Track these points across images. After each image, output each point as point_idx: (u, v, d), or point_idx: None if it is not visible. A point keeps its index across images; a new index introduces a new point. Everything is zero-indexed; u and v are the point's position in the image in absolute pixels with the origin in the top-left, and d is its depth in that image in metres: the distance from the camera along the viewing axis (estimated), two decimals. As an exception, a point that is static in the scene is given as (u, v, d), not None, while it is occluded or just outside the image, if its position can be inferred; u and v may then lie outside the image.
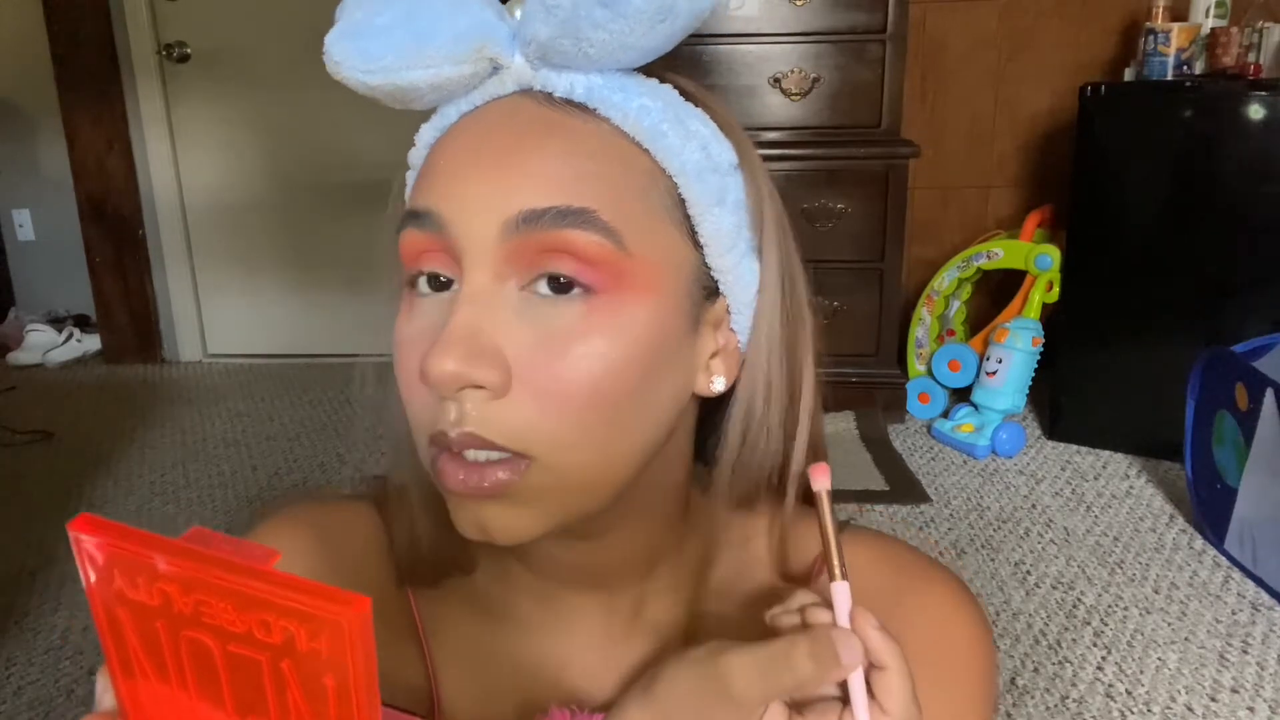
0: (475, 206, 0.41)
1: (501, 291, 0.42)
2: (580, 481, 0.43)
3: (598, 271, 0.41)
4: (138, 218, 3.43)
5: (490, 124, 0.43)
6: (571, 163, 0.41)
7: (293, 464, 2.57)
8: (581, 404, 0.41)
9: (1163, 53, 2.35)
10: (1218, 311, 2.26)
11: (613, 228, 0.41)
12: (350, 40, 0.42)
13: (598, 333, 0.41)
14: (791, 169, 2.53)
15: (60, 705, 1.61)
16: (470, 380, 0.40)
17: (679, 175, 0.44)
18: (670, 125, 0.43)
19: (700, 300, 0.46)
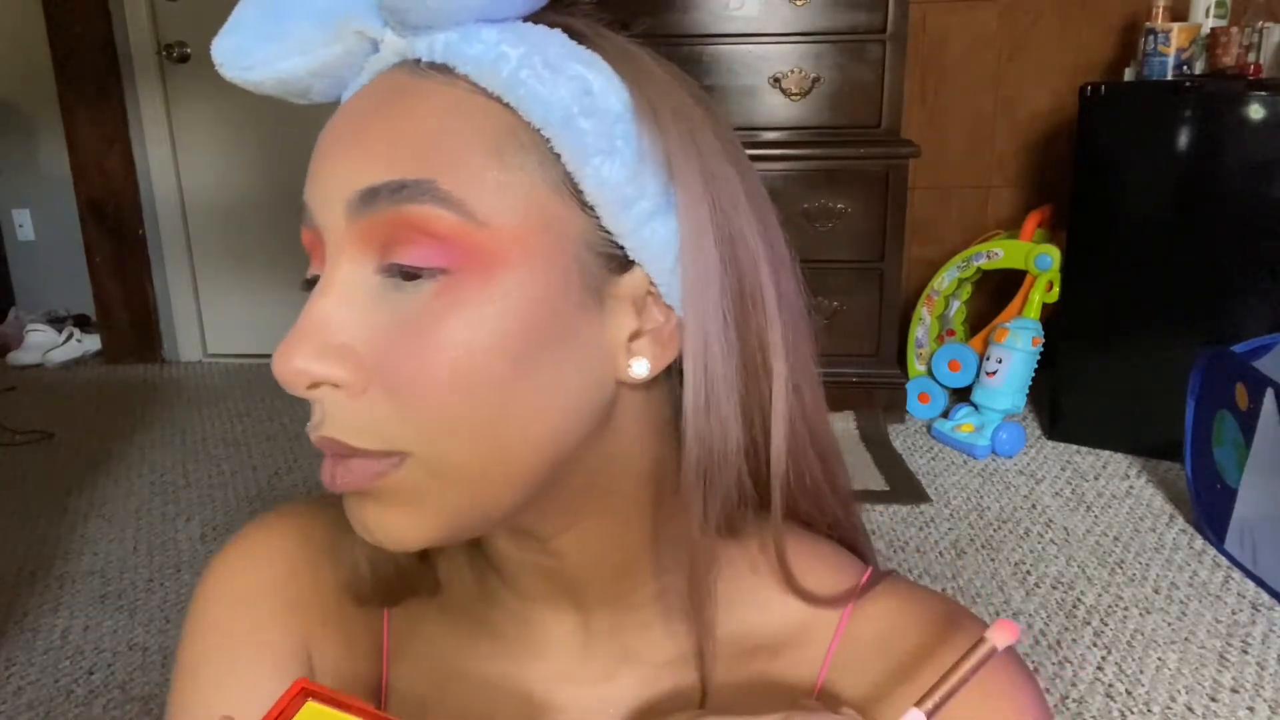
0: (327, 190, 0.39)
1: (357, 278, 0.38)
2: (466, 477, 0.39)
3: (445, 247, 0.37)
4: (138, 218, 3.43)
5: (355, 101, 0.41)
6: (412, 132, 0.38)
7: (293, 464, 2.57)
8: (443, 395, 0.37)
9: (1163, 53, 2.35)
10: (1218, 311, 2.26)
11: (455, 197, 0.37)
12: (225, 38, 0.42)
13: (454, 315, 0.37)
14: (791, 169, 2.53)
15: (60, 705, 1.61)
16: (316, 378, 0.38)
17: (544, 126, 0.38)
18: (533, 71, 0.38)
19: (600, 271, 0.40)
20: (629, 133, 0.39)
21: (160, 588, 1.97)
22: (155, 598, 1.93)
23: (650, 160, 0.40)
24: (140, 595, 1.94)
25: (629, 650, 0.47)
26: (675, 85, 0.42)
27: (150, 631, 1.81)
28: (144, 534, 2.21)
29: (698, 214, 0.40)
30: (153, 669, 1.69)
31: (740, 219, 0.41)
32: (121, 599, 1.93)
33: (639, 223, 0.40)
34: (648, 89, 0.41)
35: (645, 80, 0.41)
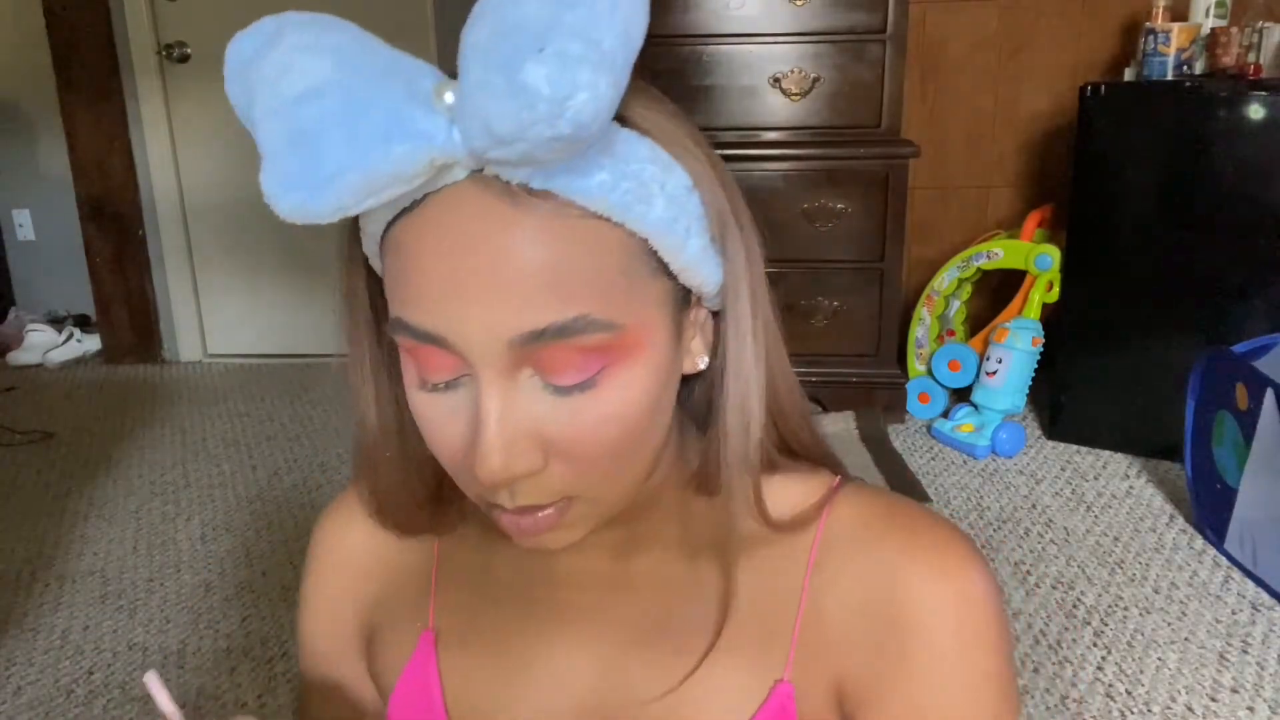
0: (474, 329, 0.43)
1: (518, 380, 0.44)
2: (617, 499, 0.49)
3: (599, 357, 0.44)
4: (138, 218, 3.43)
5: (460, 232, 0.42)
6: (555, 271, 0.42)
7: (293, 464, 2.57)
8: (610, 458, 0.46)
9: (1163, 53, 2.35)
10: (1218, 311, 2.26)
11: (606, 320, 0.43)
12: (297, 193, 0.40)
13: (612, 402, 0.45)
14: (791, 169, 2.53)
15: (60, 705, 1.61)
16: (518, 477, 0.45)
17: (651, 236, 0.45)
18: (629, 188, 0.43)
19: (680, 312, 0.49)
20: (695, 208, 0.47)
21: (160, 588, 1.97)
22: (155, 598, 1.93)
23: (702, 217, 0.47)
24: (140, 595, 1.94)
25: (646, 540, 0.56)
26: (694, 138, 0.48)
27: (150, 631, 1.81)
28: (144, 534, 2.21)
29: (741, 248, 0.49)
30: (153, 669, 1.69)
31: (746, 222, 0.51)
32: (121, 599, 1.93)
33: (705, 271, 0.48)
34: (691, 156, 0.47)
35: (687, 151, 0.47)
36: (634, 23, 0.38)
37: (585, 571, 0.57)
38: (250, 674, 1.66)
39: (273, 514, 2.28)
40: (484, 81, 0.38)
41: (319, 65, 0.41)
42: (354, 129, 0.39)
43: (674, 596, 0.55)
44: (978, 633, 0.50)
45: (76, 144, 3.37)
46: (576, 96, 0.36)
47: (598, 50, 0.37)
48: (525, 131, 0.37)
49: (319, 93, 0.40)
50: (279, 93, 0.41)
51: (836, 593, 0.52)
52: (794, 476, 0.56)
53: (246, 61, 0.43)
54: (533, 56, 0.36)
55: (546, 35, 0.37)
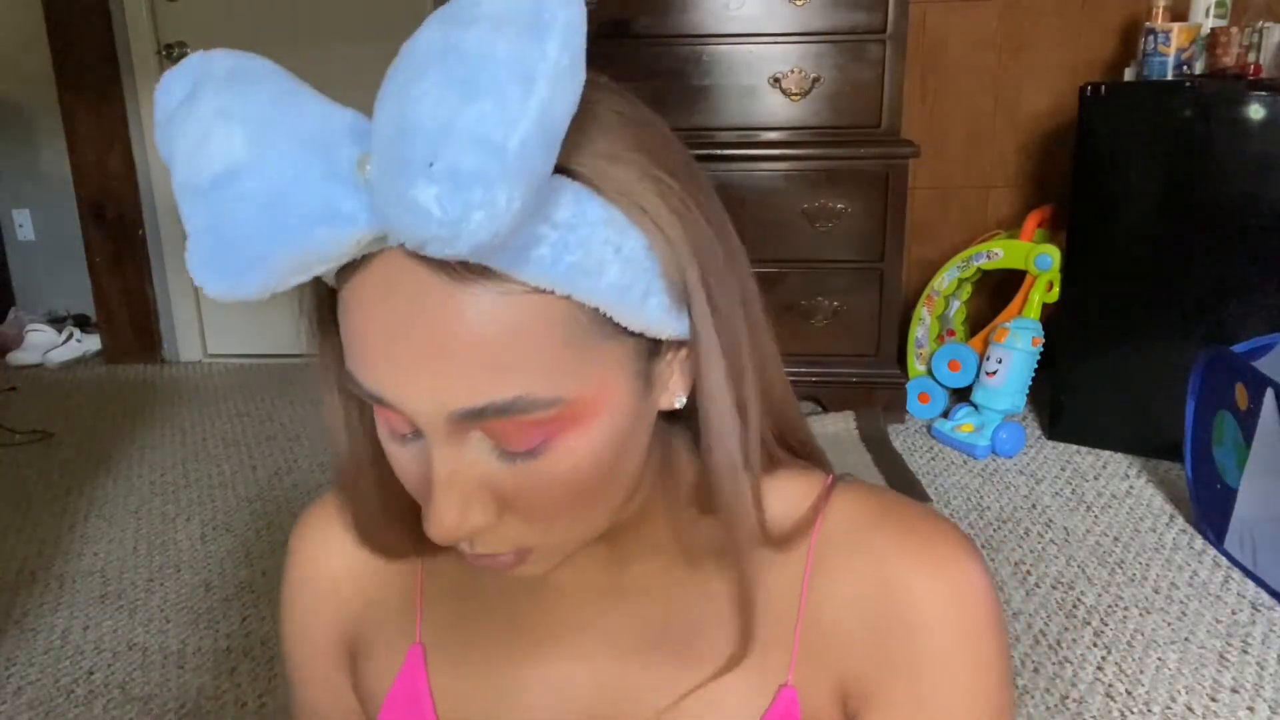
0: (415, 399, 0.41)
1: (469, 439, 0.43)
2: (580, 539, 0.49)
3: (547, 428, 0.42)
4: (138, 218, 3.43)
5: (397, 303, 0.40)
6: (493, 350, 0.40)
7: (293, 464, 2.57)
8: (566, 512, 0.46)
9: (1163, 53, 2.35)
10: (1218, 311, 2.26)
11: (549, 398, 0.41)
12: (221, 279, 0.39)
13: (564, 464, 0.44)
14: (791, 169, 2.53)
15: (60, 705, 1.61)
16: (469, 534, 0.45)
17: (602, 305, 0.42)
18: (574, 261, 0.40)
19: (645, 364, 0.46)
20: (654, 267, 0.43)
21: (160, 588, 1.97)
22: (155, 598, 1.93)
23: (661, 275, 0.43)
24: (140, 595, 1.94)
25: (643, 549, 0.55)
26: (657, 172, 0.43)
27: (150, 631, 1.81)
28: (144, 534, 2.21)
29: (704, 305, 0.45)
30: (153, 669, 1.69)
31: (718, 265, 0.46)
32: (121, 599, 1.93)
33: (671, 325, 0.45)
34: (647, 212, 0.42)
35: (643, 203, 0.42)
36: (558, 99, 0.35)
37: (578, 582, 0.56)
38: (250, 674, 1.66)
39: (273, 514, 2.28)
40: (382, 183, 0.36)
41: (233, 140, 0.39)
42: (272, 216, 0.38)
43: (671, 604, 0.54)
44: (976, 624, 0.50)
45: (76, 144, 3.37)
46: (470, 218, 0.34)
47: (498, 157, 0.34)
48: (424, 246, 0.36)
49: (235, 175, 0.38)
50: (196, 171, 0.39)
51: (835, 593, 0.52)
52: (791, 475, 0.55)
53: (170, 114, 0.41)
54: (423, 173, 0.34)
55: (439, 144, 0.34)
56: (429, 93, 0.35)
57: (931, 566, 0.51)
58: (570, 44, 0.35)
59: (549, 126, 0.35)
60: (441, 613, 0.59)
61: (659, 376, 0.47)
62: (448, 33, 0.36)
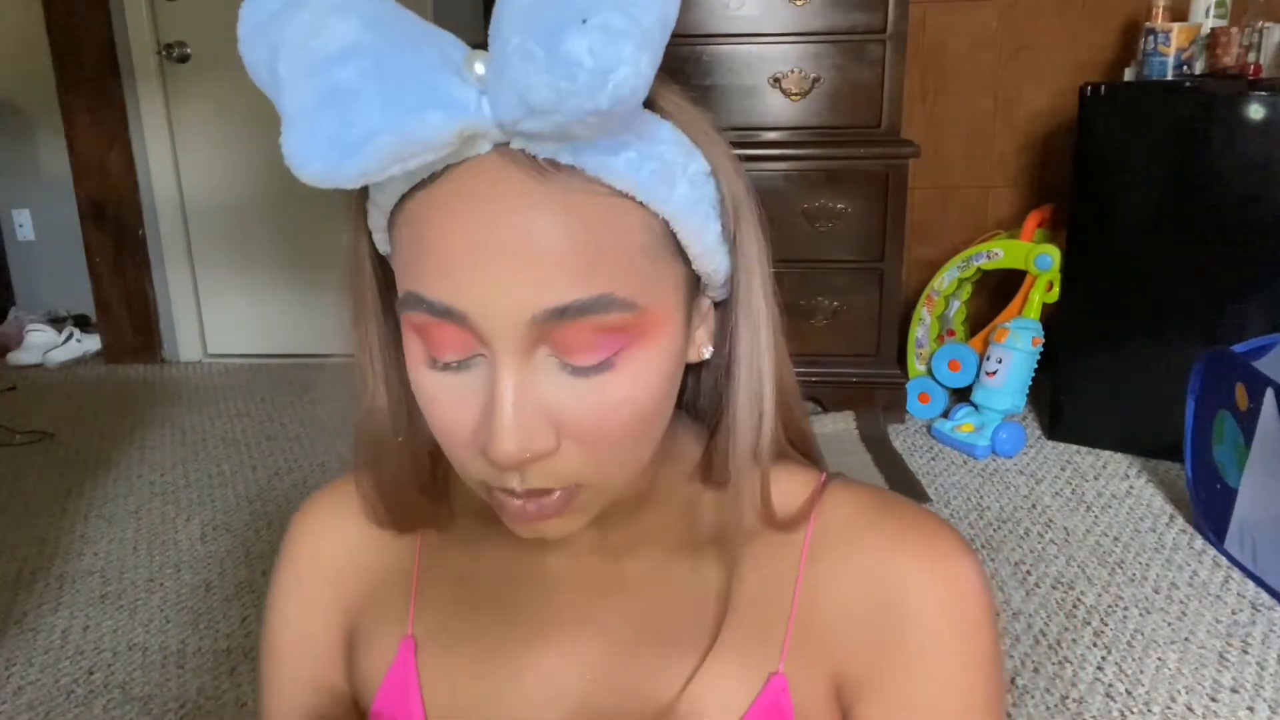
0: (497, 303, 0.42)
1: (534, 359, 0.44)
2: (621, 485, 0.49)
3: (618, 338, 0.44)
4: (138, 218, 3.43)
5: (485, 205, 0.42)
6: (580, 247, 0.42)
7: (293, 464, 2.57)
8: (622, 441, 0.46)
9: (1163, 53, 2.35)
10: (1218, 312, 2.26)
11: (628, 300, 0.43)
12: (324, 156, 0.39)
13: (627, 384, 0.45)
14: (791, 169, 2.53)
15: (60, 705, 1.61)
16: (533, 458, 0.44)
17: (673, 218, 0.45)
18: (654, 169, 0.43)
19: (690, 299, 0.49)
20: (712, 195, 0.47)
21: (160, 588, 1.97)
22: (155, 598, 1.93)
23: (718, 204, 0.48)
24: (140, 595, 1.94)
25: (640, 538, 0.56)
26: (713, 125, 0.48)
27: (150, 631, 1.81)
28: (144, 534, 2.21)
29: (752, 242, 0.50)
30: (153, 669, 1.69)
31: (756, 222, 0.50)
32: (121, 599, 1.93)
33: (719, 259, 0.49)
34: (711, 143, 0.47)
35: (707, 137, 0.47)
36: (670, 5, 0.38)
37: (575, 574, 0.56)
38: (250, 674, 1.66)
39: (273, 514, 2.28)
40: (523, 50, 0.37)
41: (350, 27, 0.40)
42: (388, 93, 0.39)
43: (666, 596, 0.55)
44: (970, 619, 0.51)
45: (76, 144, 3.37)
46: (619, 70, 0.36)
47: (639, 26, 0.37)
48: (563, 103, 0.37)
49: (354, 52, 0.39)
50: (311, 52, 0.40)
51: (830, 586, 0.53)
52: (790, 468, 0.56)
53: (266, 21, 0.41)
54: (576, 27, 0.36)
55: (590, 6, 0.36)
56: None
57: (926, 562, 0.52)
58: None
59: (665, 24, 0.38)
60: (436, 605, 0.59)
61: (693, 320, 0.50)
62: None
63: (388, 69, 0.39)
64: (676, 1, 0.39)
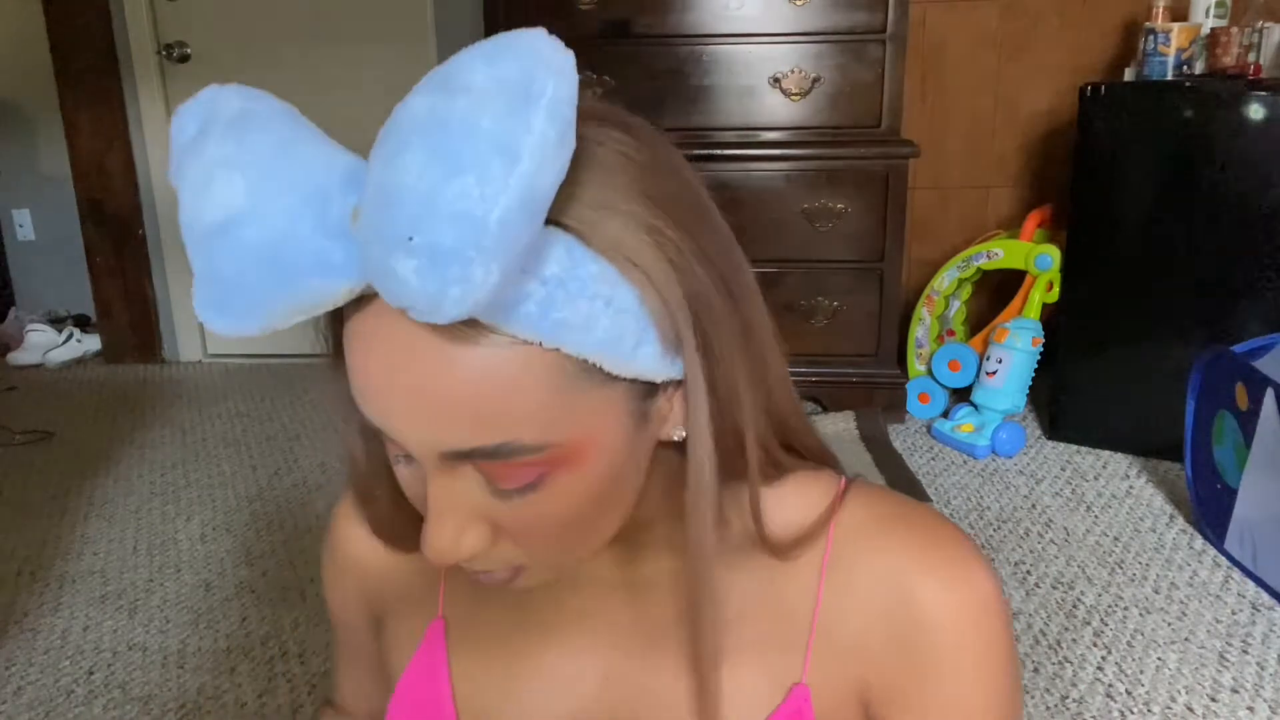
0: (408, 439, 0.43)
1: (462, 472, 0.44)
2: (576, 559, 0.50)
3: (536, 469, 0.43)
4: (138, 218, 3.43)
5: (389, 348, 0.41)
6: (476, 399, 0.41)
7: (293, 464, 2.57)
8: (556, 540, 0.47)
9: (1163, 53, 2.35)
10: (1218, 311, 2.26)
11: (536, 444, 0.42)
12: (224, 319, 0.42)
13: (556, 502, 0.45)
14: (791, 169, 2.53)
15: (60, 705, 1.61)
16: (464, 557, 0.46)
17: (592, 356, 0.42)
18: (562, 317, 0.40)
19: (640, 404, 0.46)
20: (645, 317, 0.43)
21: (160, 588, 1.97)
22: (155, 598, 1.93)
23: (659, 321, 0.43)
24: (140, 595, 1.94)
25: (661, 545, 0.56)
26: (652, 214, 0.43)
27: (150, 631, 1.81)
28: (144, 534, 2.21)
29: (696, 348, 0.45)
30: (153, 669, 1.69)
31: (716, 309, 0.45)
32: (121, 599, 1.93)
33: (666, 368, 0.45)
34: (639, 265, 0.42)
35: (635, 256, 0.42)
36: (543, 172, 0.36)
37: (590, 576, 0.57)
38: (250, 674, 1.66)
39: (273, 514, 2.28)
40: (367, 246, 0.37)
41: (234, 189, 0.40)
42: (268, 265, 0.39)
43: (681, 602, 0.55)
44: (991, 629, 0.52)
45: (76, 144, 3.37)
46: (447, 293, 0.35)
47: (477, 232, 0.35)
48: (405, 312, 0.37)
49: (234, 223, 0.39)
50: (198, 216, 0.40)
51: (851, 597, 0.53)
52: (801, 480, 0.56)
53: (182, 150, 0.42)
54: (403, 246, 0.35)
55: (420, 219, 0.35)
56: (413, 163, 0.35)
57: (944, 574, 0.52)
58: (558, 116, 0.36)
59: (533, 199, 0.36)
60: (465, 592, 0.61)
61: (657, 412, 0.47)
62: (436, 101, 0.36)
63: (267, 237, 0.39)
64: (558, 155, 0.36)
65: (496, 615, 0.59)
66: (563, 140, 0.36)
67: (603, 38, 2.52)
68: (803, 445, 0.57)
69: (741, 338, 0.47)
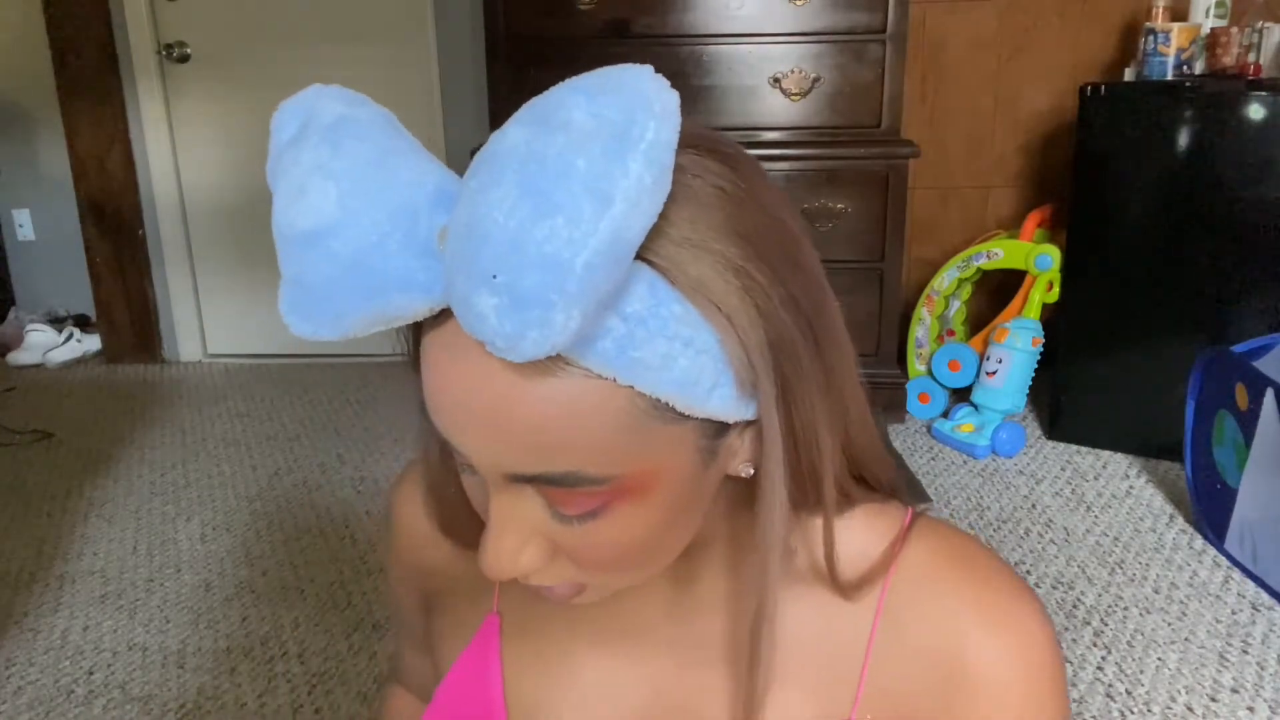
0: (477, 456, 0.43)
1: (524, 494, 0.44)
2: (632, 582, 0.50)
3: (598, 500, 0.43)
4: (138, 218, 3.43)
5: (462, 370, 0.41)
6: (546, 427, 0.40)
7: (293, 464, 2.57)
8: (614, 567, 0.47)
9: (1163, 53, 2.35)
10: (1217, 311, 2.26)
11: (599, 476, 0.42)
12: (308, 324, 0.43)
13: (614, 528, 0.44)
14: (791, 169, 2.53)
15: (60, 705, 1.61)
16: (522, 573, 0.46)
17: (667, 397, 0.41)
18: (639, 356, 0.39)
19: (710, 443, 0.45)
20: (724, 359, 0.42)
21: (160, 588, 1.97)
22: (155, 598, 1.93)
23: (737, 366, 0.42)
24: (140, 595, 1.94)
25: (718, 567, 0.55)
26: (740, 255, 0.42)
27: (150, 631, 1.81)
28: (144, 534, 2.21)
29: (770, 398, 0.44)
30: (153, 669, 1.69)
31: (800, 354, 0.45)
32: (121, 599, 1.93)
33: (740, 410, 0.44)
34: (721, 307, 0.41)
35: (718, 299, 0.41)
36: (634, 217, 0.35)
37: (648, 591, 0.57)
38: (250, 674, 1.66)
39: (273, 514, 2.28)
40: (452, 274, 0.37)
41: (327, 199, 0.40)
42: (353, 278, 0.40)
43: (736, 624, 0.55)
44: (1042, 685, 0.51)
45: (76, 144, 3.37)
46: (526, 335, 0.35)
47: (561, 277, 0.34)
48: (485, 344, 0.37)
49: (324, 234, 0.40)
50: (290, 222, 0.41)
51: (905, 638, 0.52)
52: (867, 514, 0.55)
53: (280, 151, 0.43)
54: (487, 283, 0.35)
55: (505, 258, 0.35)
56: (504, 199, 0.35)
57: (1001, 626, 0.51)
58: (656, 161, 0.35)
59: (621, 245, 0.35)
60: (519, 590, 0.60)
61: (727, 449, 0.46)
62: (534, 136, 0.36)
63: (355, 251, 0.40)
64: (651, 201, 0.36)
65: (551, 616, 0.59)
66: (658, 185, 0.36)
67: (603, 38, 2.51)
68: (873, 476, 0.56)
69: (823, 379, 0.46)
